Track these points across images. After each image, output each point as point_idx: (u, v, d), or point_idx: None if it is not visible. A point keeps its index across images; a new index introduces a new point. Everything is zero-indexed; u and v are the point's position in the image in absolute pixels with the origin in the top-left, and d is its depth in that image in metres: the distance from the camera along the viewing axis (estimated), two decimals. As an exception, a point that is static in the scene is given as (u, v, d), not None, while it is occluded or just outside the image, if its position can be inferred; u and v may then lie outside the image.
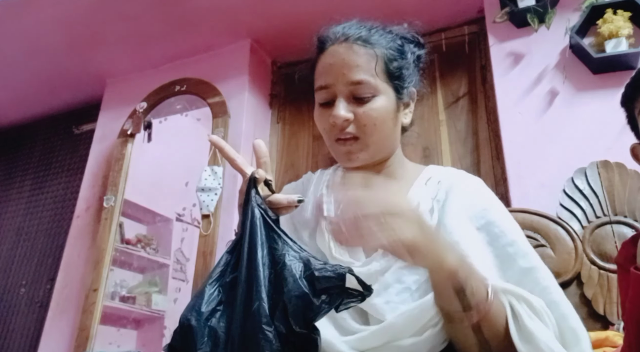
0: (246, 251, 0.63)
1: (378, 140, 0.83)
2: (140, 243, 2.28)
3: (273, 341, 0.55)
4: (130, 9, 2.10)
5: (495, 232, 0.76)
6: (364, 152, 0.83)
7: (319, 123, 0.86)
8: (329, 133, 0.83)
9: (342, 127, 0.81)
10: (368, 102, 0.81)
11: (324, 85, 0.82)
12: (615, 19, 1.59)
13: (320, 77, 0.84)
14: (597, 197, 1.44)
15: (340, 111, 0.80)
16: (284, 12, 2.10)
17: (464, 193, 0.81)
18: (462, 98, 2.01)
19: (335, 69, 0.82)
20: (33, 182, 2.82)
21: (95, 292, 2.04)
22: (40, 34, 2.26)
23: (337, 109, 0.80)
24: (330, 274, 0.59)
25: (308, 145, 2.25)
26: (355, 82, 0.80)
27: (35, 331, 2.34)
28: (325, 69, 0.83)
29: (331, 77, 0.82)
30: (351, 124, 0.81)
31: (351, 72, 0.81)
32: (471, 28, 2.07)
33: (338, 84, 0.81)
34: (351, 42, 0.84)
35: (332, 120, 0.80)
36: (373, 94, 0.81)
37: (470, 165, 1.87)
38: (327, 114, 0.82)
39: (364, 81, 0.81)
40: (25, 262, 2.59)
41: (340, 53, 0.83)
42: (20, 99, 2.77)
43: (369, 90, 0.81)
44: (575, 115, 1.62)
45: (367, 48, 0.83)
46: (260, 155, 0.73)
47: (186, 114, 2.34)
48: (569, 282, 1.35)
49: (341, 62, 0.82)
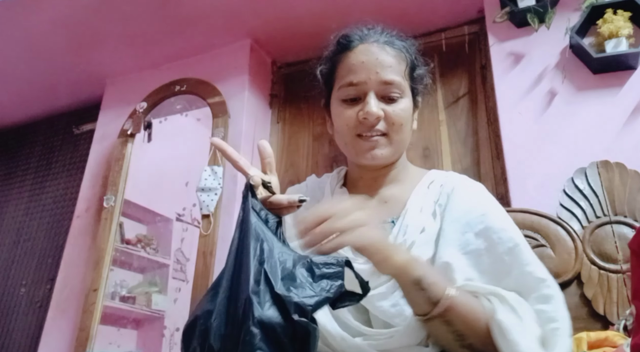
0: (234, 252, 0.62)
1: (400, 141, 0.85)
2: (141, 243, 2.28)
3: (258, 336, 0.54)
4: (130, 9, 2.10)
5: (493, 239, 0.76)
6: (388, 149, 0.84)
7: (341, 119, 0.85)
8: (354, 128, 0.84)
9: (373, 124, 0.82)
10: (397, 102, 0.83)
11: (355, 82, 0.83)
12: (615, 19, 1.59)
13: (349, 74, 0.84)
14: (597, 197, 1.44)
15: (373, 107, 0.81)
16: (284, 12, 2.10)
17: (465, 198, 0.82)
18: (462, 98, 2.01)
19: (367, 66, 0.83)
20: (33, 182, 2.82)
21: (95, 292, 2.04)
22: (41, 35, 2.26)
23: (370, 106, 0.81)
24: (330, 260, 0.60)
25: (308, 145, 2.25)
26: (389, 81, 0.83)
27: (35, 331, 2.34)
28: (357, 66, 0.84)
29: (363, 74, 0.83)
30: (381, 121, 0.82)
31: (385, 71, 0.82)
32: (471, 28, 2.06)
33: (370, 82, 0.82)
34: (382, 43, 0.86)
35: (364, 116, 0.81)
36: (401, 95, 0.84)
37: (470, 165, 1.87)
38: (353, 109, 0.83)
39: (395, 82, 0.83)
40: (26, 262, 2.59)
41: (373, 52, 0.84)
42: (20, 99, 2.77)
43: (398, 90, 0.83)
44: (576, 115, 1.62)
45: (397, 51, 0.86)
46: (264, 156, 0.74)
47: (186, 114, 2.34)
48: (569, 282, 1.35)
49: (375, 61, 0.83)
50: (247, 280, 0.57)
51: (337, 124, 0.87)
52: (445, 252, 0.75)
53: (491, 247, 0.75)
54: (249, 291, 0.56)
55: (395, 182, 0.90)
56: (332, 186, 0.93)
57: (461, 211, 0.79)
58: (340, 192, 0.91)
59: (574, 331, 0.70)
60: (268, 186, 0.70)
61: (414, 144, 1.95)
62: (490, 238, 0.76)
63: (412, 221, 0.80)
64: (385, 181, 0.90)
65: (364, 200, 0.74)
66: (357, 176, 0.92)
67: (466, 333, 0.67)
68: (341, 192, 0.91)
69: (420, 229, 0.79)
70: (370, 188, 0.90)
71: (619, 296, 1.29)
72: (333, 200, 0.89)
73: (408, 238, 0.78)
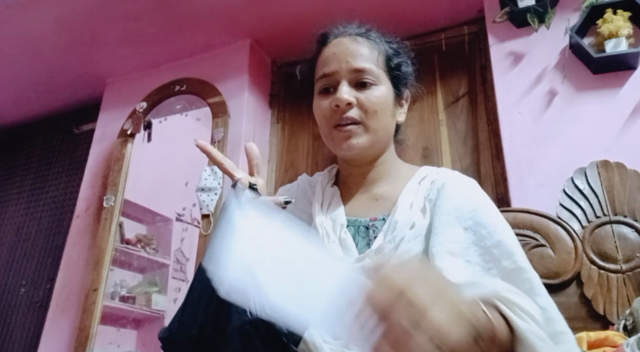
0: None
1: (378, 128, 0.84)
2: (140, 243, 2.28)
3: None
4: (130, 9, 2.10)
5: (482, 234, 0.76)
6: (364, 137, 0.84)
7: (318, 111, 0.86)
8: (329, 119, 0.84)
9: (344, 110, 0.82)
10: (370, 88, 0.84)
11: (327, 73, 0.84)
12: (615, 18, 1.59)
13: (323, 66, 0.86)
14: (597, 197, 1.44)
15: (343, 94, 0.82)
16: (284, 12, 2.10)
17: (455, 193, 0.81)
18: (462, 98, 2.01)
19: (339, 56, 0.84)
20: (33, 182, 2.82)
21: (95, 292, 2.04)
22: (41, 34, 2.26)
23: (340, 92, 0.82)
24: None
25: (308, 145, 2.25)
26: (359, 68, 0.84)
27: (35, 330, 2.34)
28: (329, 58, 0.85)
29: (335, 64, 0.84)
30: (353, 108, 0.83)
31: (355, 60, 0.84)
32: (471, 28, 2.06)
33: (341, 70, 0.83)
34: (354, 35, 0.87)
35: (335, 103, 0.82)
36: (375, 83, 0.84)
37: (470, 165, 1.87)
38: (328, 100, 0.84)
39: (367, 69, 0.84)
40: (25, 262, 2.59)
41: (344, 43, 0.86)
42: (20, 99, 2.77)
43: (371, 77, 0.84)
44: (575, 115, 1.62)
45: (370, 42, 0.87)
46: (251, 157, 0.75)
47: (186, 114, 2.34)
48: (569, 282, 1.35)
49: (345, 50, 0.85)
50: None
51: (316, 118, 0.88)
52: (435, 247, 0.75)
53: (479, 241, 0.75)
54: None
55: (386, 178, 0.90)
56: (323, 185, 0.93)
57: (451, 205, 0.79)
58: (331, 191, 0.91)
59: (573, 330, 0.70)
60: (254, 188, 0.70)
61: (413, 144, 1.96)
62: (480, 233, 0.76)
63: (401, 217, 0.80)
64: (375, 177, 0.89)
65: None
66: (347, 172, 0.93)
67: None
68: (332, 191, 0.91)
69: (410, 224, 0.79)
70: (360, 185, 0.90)
71: (619, 296, 1.29)
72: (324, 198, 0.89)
73: (397, 234, 0.78)
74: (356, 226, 0.84)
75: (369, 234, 0.82)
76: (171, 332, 0.65)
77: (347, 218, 0.85)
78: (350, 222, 0.84)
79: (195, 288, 0.67)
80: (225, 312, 0.59)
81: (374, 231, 0.82)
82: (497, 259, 0.73)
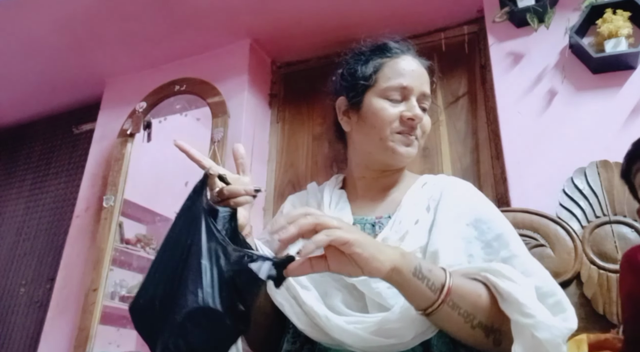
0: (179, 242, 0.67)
1: (420, 149, 0.94)
2: (140, 243, 2.28)
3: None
4: (130, 9, 2.10)
5: (483, 229, 0.82)
6: (416, 149, 0.92)
7: (383, 114, 0.89)
8: (395, 126, 0.89)
9: (414, 126, 0.89)
10: (425, 113, 0.93)
11: (405, 85, 0.90)
12: (614, 18, 1.59)
13: (400, 77, 0.91)
14: (597, 197, 1.44)
15: (419, 110, 0.90)
16: (284, 12, 2.10)
17: (456, 193, 0.88)
18: (461, 98, 2.01)
19: (416, 75, 0.92)
20: (33, 182, 2.82)
21: (95, 292, 2.04)
22: (40, 34, 2.26)
23: (417, 108, 0.90)
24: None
25: (307, 145, 2.24)
26: (427, 94, 0.93)
27: (35, 330, 2.34)
28: (407, 71, 0.91)
29: (413, 81, 0.91)
30: (418, 126, 0.91)
31: (424, 85, 0.92)
32: (471, 28, 2.06)
33: (416, 89, 0.91)
34: (419, 61, 0.95)
35: (412, 117, 0.88)
36: (426, 109, 0.94)
37: (470, 165, 1.87)
38: (397, 108, 0.89)
39: (429, 96, 0.93)
40: (25, 261, 2.59)
41: (419, 65, 0.94)
42: (20, 98, 2.77)
43: (428, 104, 0.94)
44: (575, 115, 1.62)
45: (428, 72, 0.96)
46: (237, 156, 0.81)
47: (186, 114, 2.34)
48: (569, 282, 1.35)
49: (421, 73, 0.93)
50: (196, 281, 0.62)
51: (375, 119, 0.90)
52: (437, 240, 0.80)
53: (481, 236, 0.81)
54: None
55: (393, 184, 0.95)
56: (330, 188, 0.98)
57: (453, 204, 0.85)
58: (338, 193, 0.96)
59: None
60: (223, 178, 0.74)
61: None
62: (480, 228, 0.82)
63: (406, 213, 0.85)
64: (385, 183, 0.95)
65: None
66: (360, 175, 0.96)
67: (473, 312, 0.69)
68: (339, 193, 0.96)
69: (415, 220, 0.84)
70: (369, 189, 0.95)
71: (619, 296, 1.29)
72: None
73: (402, 228, 0.82)
74: (362, 223, 0.88)
75: (375, 230, 0.86)
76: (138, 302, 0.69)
77: (354, 217, 0.89)
78: (357, 220, 0.89)
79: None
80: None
81: (380, 227, 0.86)
82: (497, 251, 0.79)
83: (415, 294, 0.67)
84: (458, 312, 0.68)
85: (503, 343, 0.70)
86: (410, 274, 0.65)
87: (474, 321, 0.69)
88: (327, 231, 0.61)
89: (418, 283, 0.65)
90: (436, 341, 0.75)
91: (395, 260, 0.64)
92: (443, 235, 0.80)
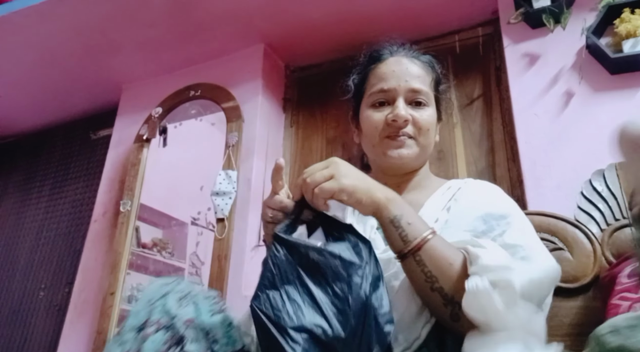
0: None
1: (425, 146, 0.93)
2: (156, 247, 2.30)
3: None
4: (146, 16, 2.13)
5: (492, 224, 0.82)
6: (414, 149, 0.91)
7: (370, 122, 0.92)
8: (382, 131, 0.90)
9: (401, 126, 0.89)
10: (423, 108, 0.92)
11: (385, 89, 0.91)
12: (632, 18, 1.56)
13: (380, 81, 0.92)
14: (616, 200, 1.41)
15: (402, 111, 0.89)
16: (297, 17, 2.11)
17: (473, 191, 0.90)
18: (476, 100, 1.99)
19: (398, 75, 0.91)
20: (52, 187, 2.87)
21: (112, 295, 2.06)
22: (58, 42, 2.30)
23: (399, 109, 0.89)
24: None
25: (321, 149, 2.25)
26: (417, 89, 0.91)
27: (54, 334, 2.37)
28: (388, 74, 0.92)
29: (394, 81, 0.91)
30: (408, 125, 0.90)
31: (413, 80, 0.92)
32: (485, 29, 2.05)
33: (400, 88, 0.90)
34: (411, 57, 0.95)
35: (393, 118, 0.88)
36: (426, 103, 0.92)
37: (485, 168, 1.85)
38: (382, 113, 0.90)
39: (422, 90, 0.92)
40: (44, 266, 2.63)
41: (403, 63, 0.93)
42: (38, 106, 2.82)
43: (425, 98, 0.92)
44: (593, 116, 1.59)
45: (425, 65, 0.95)
46: (276, 178, 0.82)
47: (201, 119, 2.36)
48: (588, 286, 1.32)
49: (405, 70, 0.92)
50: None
51: (365, 128, 0.93)
52: (446, 235, 0.80)
53: (488, 231, 0.81)
54: None
55: (417, 188, 0.96)
56: None
57: (467, 201, 0.87)
58: None
59: (593, 336, 0.69)
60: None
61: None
62: (489, 223, 0.82)
63: (427, 213, 0.87)
64: (408, 187, 0.96)
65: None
66: (382, 182, 0.96)
67: (437, 275, 0.71)
68: None
69: (435, 219, 0.86)
70: None
71: None
72: None
73: None
74: None
75: None
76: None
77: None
78: None
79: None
80: None
81: None
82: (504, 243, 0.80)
83: (389, 237, 0.74)
84: (422, 270, 0.71)
85: (461, 320, 0.68)
86: (388, 220, 0.73)
87: (434, 283, 0.71)
88: (318, 188, 0.72)
89: (392, 230, 0.73)
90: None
91: (379, 206, 0.73)
92: (452, 229, 0.81)
